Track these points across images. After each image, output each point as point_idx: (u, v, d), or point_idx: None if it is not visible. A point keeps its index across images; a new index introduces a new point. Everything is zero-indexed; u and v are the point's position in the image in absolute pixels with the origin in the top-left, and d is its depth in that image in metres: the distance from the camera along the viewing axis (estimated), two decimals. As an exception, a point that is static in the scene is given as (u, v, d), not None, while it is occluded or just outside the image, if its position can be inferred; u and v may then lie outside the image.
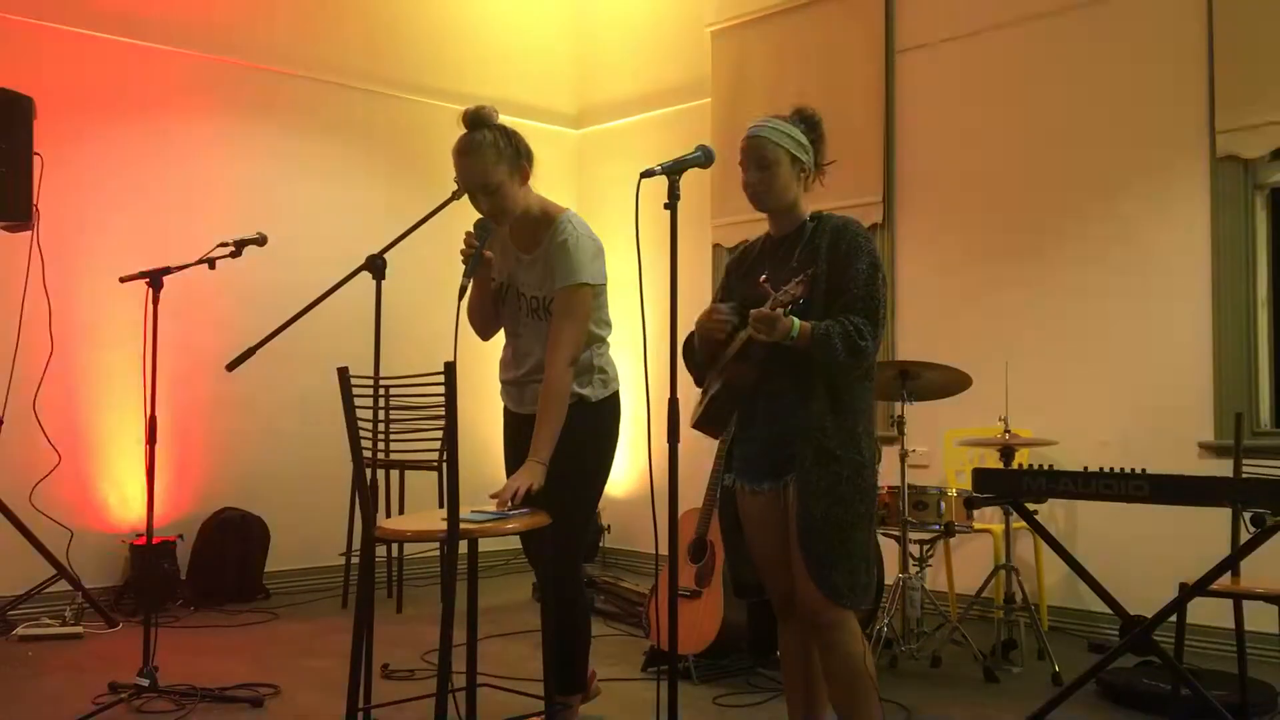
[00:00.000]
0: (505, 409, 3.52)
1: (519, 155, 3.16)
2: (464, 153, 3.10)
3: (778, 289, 2.63)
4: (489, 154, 3.08)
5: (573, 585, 3.35)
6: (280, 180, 6.18)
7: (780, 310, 2.58)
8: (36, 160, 4.82)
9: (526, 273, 3.28)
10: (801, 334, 2.61)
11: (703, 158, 2.74)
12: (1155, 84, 4.97)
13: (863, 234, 2.77)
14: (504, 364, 3.48)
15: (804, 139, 2.82)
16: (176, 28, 5.83)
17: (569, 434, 3.16)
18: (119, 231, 5.59)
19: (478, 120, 3.12)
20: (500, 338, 3.52)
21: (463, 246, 3.09)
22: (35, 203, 4.84)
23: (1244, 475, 3.64)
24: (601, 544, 7.04)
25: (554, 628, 3.22)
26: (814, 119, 2.88)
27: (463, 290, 2.99)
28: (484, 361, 6.73)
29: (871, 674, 2.70)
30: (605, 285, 3.31)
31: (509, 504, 2.91)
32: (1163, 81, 4.95)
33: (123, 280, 4.02)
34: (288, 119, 6.23)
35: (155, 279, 3.89)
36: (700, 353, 2.92)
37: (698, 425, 2.90)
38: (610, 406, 3.36)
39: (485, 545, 3.42)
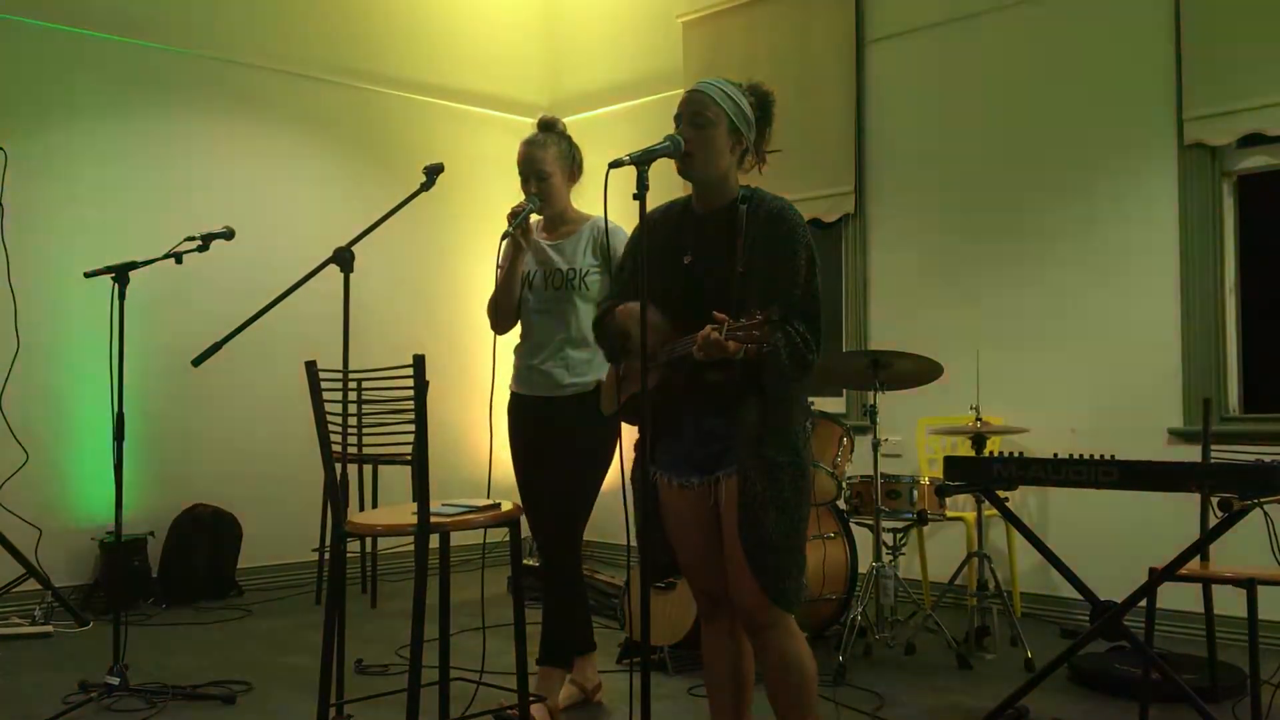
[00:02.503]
0: (513, 395, 3.71)
1: (574, 162, 3.67)
2: (532, 143, 3.61)
3: (703, 271, 2.57)
4: (552, 150, 3.59)
5: (575, 562, 3.61)
6: (247, 174, 6.12)
7: (734, 345, 2.38)
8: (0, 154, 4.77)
9: (554, 253, 3.62)
10: (748, 352, 2.45)
11: (672, 148, 2.69)
12: (1123, 72, 5.00)
13: (800, 222, 2.61)
14: (526, 350, 3.69)
15: (749, 112, 2.66)
16: (141, 21, 5.76)
17: (594, 412, 3.46)
18: (85, 226, 5.53)
19: (550, 125, 3.68)
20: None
21: (514, 206, 3.49)
22: (-1, 198, 4.79)
23: (1212, 461, 3.67)
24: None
25: (552, 604, 3.62)
26: (767, 98, 2.70)
27: (505, 236, 3.45)
28: (458, 354, 6.75)
29: (812, 673, 2.62)
30: None
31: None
32: (1130, 70, 4.98)
33: (87, 275, 3.98)
34: (255, 112, 6.17)
35: (121, 274, 3.85)
36: (615, 339, 2.78)
37: (621, 416, 2.83)
38: None
39: (458, 539, 3.41)
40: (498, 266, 3.62)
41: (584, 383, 3.56)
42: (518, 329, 3.73)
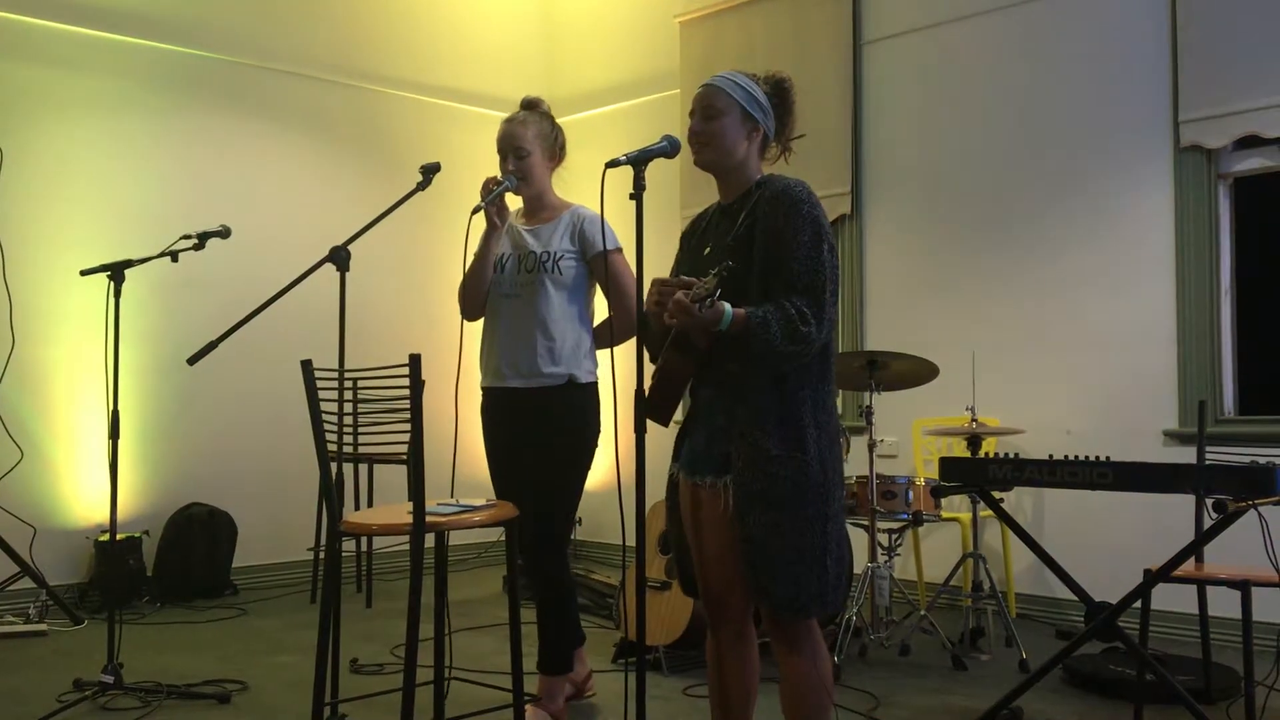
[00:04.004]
0: (486, 391, 3.62)
1: (555, 143, 3.63)
2: (512, 120, 3.57)
3: (718, 263, 2.49)
4: (533, 128, 3.54)
5: (559, 565, 3.51)
6: (244, 173, 6.11)
7: (696, 305, 2.35)
8: (-5, 152, 4.77)
9: (530, 237, 3.56)
10: (735, 322, 2.40)
11: (668, 147, 2.70)
12: (1119, 74, 5.01)
13: (806, 200, 2.54)
14: (493, 339, 3.58)
15: (763, 99, 2.64)
16: (137, 19, 5.75)
17: (564, 411, 3.44)
18: (81, 224, 5.52)
19: (533, 105, 3.66)
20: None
21: (487, 180, 3.45)
22: (-6, 195, 4.78)
23: (1207, 462, 3.67)
24: (573, 536, 7.03)
25: (541, 608, 3.51)
26: (783, 85, 2.68)
27: (475, 211, 3.35)
28: (454, 353, 6.73)
29: (827, 688, 2.52)
30: None
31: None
32: (1126, 72, 4.98)
33: (83, 274, 3.97)
34: (251, 111, 6.16)
35: (117, 272, 3.84)
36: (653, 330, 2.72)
37: (644, 412, 2.81)
38: (596, 391, 3.55)
39: (454, 538, 3.41)
40: (475, 255, 3.54)
41: (557, 373, 3.46)
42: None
